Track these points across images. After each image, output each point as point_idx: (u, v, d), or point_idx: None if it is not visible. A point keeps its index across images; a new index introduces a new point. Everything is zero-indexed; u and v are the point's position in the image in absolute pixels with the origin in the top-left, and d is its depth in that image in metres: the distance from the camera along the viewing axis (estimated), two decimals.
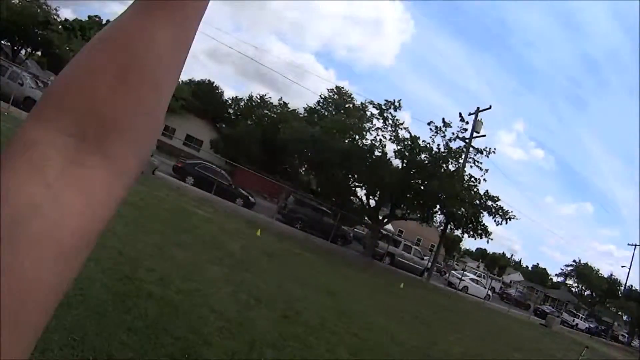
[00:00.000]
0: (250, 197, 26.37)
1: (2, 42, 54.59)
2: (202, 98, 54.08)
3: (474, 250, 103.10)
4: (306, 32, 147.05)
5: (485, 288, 38.08)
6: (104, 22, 57.17)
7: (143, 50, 0.40)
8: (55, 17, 54.08)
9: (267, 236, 16.40)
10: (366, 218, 30.15)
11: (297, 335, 6.27)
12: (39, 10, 53.84)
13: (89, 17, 57.43)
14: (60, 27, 50.01)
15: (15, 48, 55.54)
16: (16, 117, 18.42)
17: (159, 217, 10.96)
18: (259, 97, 52.76)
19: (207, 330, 5.09)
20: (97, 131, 0.38)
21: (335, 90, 43.76)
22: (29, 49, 59.20)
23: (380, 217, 28.83)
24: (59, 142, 0.36)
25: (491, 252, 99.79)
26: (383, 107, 26.74)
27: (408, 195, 26.55)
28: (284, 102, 51.07)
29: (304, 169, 39.67)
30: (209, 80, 61.41)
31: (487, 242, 28.05)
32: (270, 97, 53.76)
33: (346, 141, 27.14)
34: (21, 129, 0.37)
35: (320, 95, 44.99)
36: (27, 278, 0.31)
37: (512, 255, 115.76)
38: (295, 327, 6.71)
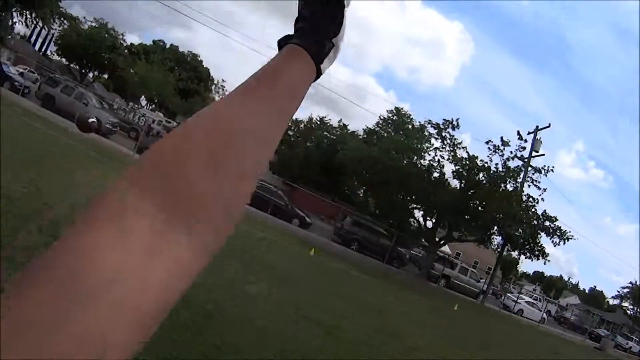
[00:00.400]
0: (306, 218, 26.28)
1: (71, 65, 58.45)
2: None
3: (531, 273, 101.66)
4: (367, 53, 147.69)
5: (541, 311, 36.63)
6: (167, 46, 60.03)
7: (234, 139, 0.44)
8: (121, 41, 57.47)
9: (320, 256, 16.27)
10: (423, 240, 29.86)
11: (337, 352, 6.04)
12: (106, 35, 57.33)
13: (154, 41, 60.36)
14: (125, 51, 52.74)
15: (83, 71, 59.25)
16: (78, 134, 19.44)
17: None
18: (318, 118, 53.25)
19: (242, 341, 4.96)
20: (185, 209, 0.40)
21: (394, 111, 43.48)
22: (96, 72, 63.14)
23: (437, 239, 28.40)
24: (150, 214, 0.38)
25: (548, 275, 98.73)
26: (441, 126, 26.67)
27: (466, 217, 26.03)
28: (344, 124, 51.31)
29: (362, 190, 39.85)
30: None
31: (544, 263, 27.23)
32: (330, 119, 54.45)
33: (404, 162, 27.13)
34: (115, 188, 0.39)
35: (379, 117, 44.76)
36: (105, 342, 0.31)
37: (569, 278, 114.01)
38: (338, 343, 6.47)
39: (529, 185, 26.47)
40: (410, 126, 39.28)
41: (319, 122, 52.92)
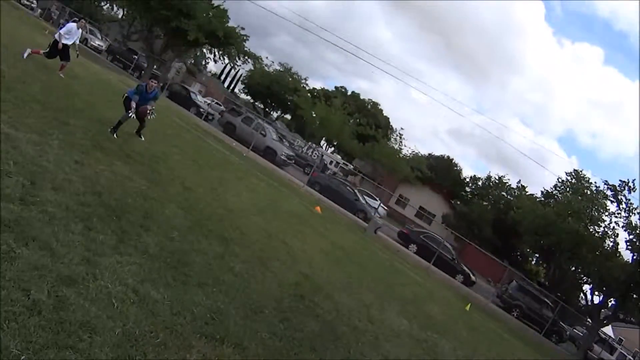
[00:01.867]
0: (471, 275, 25.19)
1: (256, 103, 64.98)
2: (439, 172, 54.85)
3: None
4: (550, 115, 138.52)
5: None
6: (349, 92, 63.28)
7: None
8: (304, 85, 62.35)
9: (476, 313, 15.10)
10: (587, 317, 26.48)
11: None
12: (290, 79, 62.76)
13: (336, 87, 64.14)
14: (308, 94, 56.83)
15: (267, 109, 65.42)
16: (252, 159, 21.25)
17: (362, 263, 11.05)
18: (497, 178, 51.60)
19: None
20: None
21: (573, 174, 39.84)
22: (279, 112, 69.25)
23: (601, 318, 25.16)
24: None
25: None
26: (617, 188, 24.18)
27: (635, 296, 22.49)
28: (522, 185, 48.58)
29: (534, 258, 37.50)
30: (447, 156, 62.30)
31: None
32: (508, 179, 52.07)
33: (579, 227, 24.66)
34: None
35: (557, 179, 41.50)
36: None
37: None
38: None
39: None
40: (588, 191, 35.88)
41: (497, 182, 51.21)
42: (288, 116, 70.06)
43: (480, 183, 54.40)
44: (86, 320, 3.05)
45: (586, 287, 26.91)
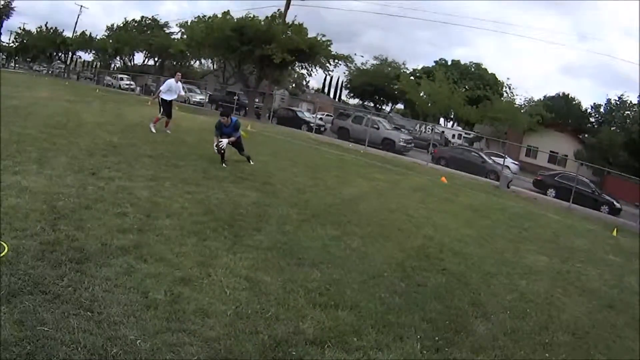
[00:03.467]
0: (615, 203, 23.38)
1: (365, 103, 65.40)
2: (559, 112, 52.86)
3: None
4: None
5: None
6: (449, 63, 61.19)
7: None
8: (404, 70, 61.50)
9: (625, 237, 13.49)
10: None
11: (614, 324, 5.02)
12: (389, 69, 62.32)
13: (435, 62, 62.27)
14: (410, 77, 55.96)
15: (378, 106, 65.58)
16: (370, 154, 21.44)
17: (493, 217, 10.60)
18: (617, 98, 47.54)
19: (491, 306, 4.70)
20: None
21: None
22: (389, 104, 69.02)
23: None
24: None
25: None
26: None
27: None
28: None
29: None
30: (562, 93, 59.57)
31: None
32: (628, 97, 48.93)
33: None
34: None
35: None
36: None
37: None
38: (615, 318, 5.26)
39: None
40: None
41: (618, 103, 47.23)
42: (400, 106, 69.43)
43: (602, 110, 52.01)
44: (199, 308, 3.33)
45: None
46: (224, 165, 9.49)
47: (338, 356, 3.09)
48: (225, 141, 9.65)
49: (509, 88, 49.17)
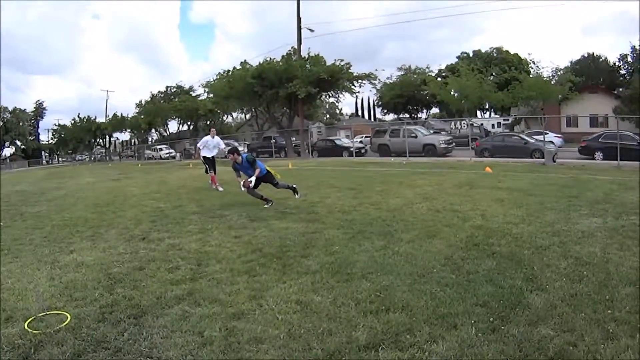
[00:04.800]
0: None
1: (401, 115, 65.44)
2: (588, 73, 52.50)
3: None
4: None
5: None
6: (470, 55, 60.81)
7: None
8: (429, 74, 61.48)
9: None
10: None
11: None
12: (414, 76, 62.44)
13: (457, 57, 62.02)
14: (438, 78, 55.84)
15: (413, 115, 65.47)
16: (413, 163, 21.39)
17: (541, 194, 10.33)
18: None
19: (545, 277, 4.59)
20: None
21: None
22: (424, 111, 68.88)
23: None
24: None
25: None
26: None
27: None
28: None
29: None
30: (587, 53, 58.66)
31: None
32: None
33: None
34: None
35: None
36: None
37: None
38: None
39: None
40: None
41: None
42: (435, 110, 69.22)
43: (629, 59, 51.47)
44: (252, 337, 3.46)
45: None
46: (267, 205, 9.68)
47: (393, 356, 3.14)
48: (253, 179, 9.81)
49: (533, 63, 48.54)
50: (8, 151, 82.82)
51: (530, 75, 45.16)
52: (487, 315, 3.67)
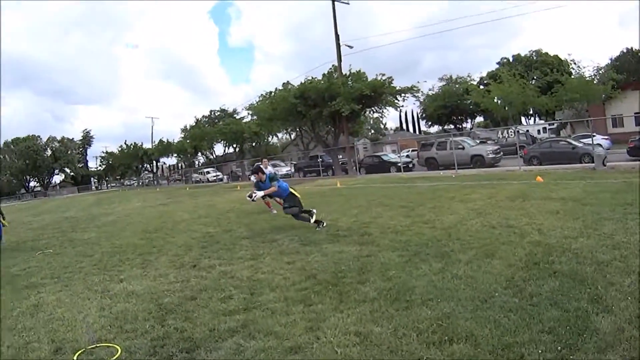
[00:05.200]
0: None
1: (445, 126, 64.53)
2: (629, 69, 50.33)
3: None
4: None
5: None
6: (511, 60, 59.63)
7: None
8: (471, 82, 60.66)
9: None
10: None
11: None
12: (456, 86, 61.61)
13: (497, 63, 60.86)
14: (480, 87, 54.98)
15: (458, 126, 64.54)
16: (462, 175, 20.86)
17: (595, 202, 9.77)
18: None
19: (610, 297, 4.28)
20: None
21: None
22: (469, 121, 67.74)
23: None
24: None
25: None
26: None
27: None
28: None
29: None
30: (627, 48, 56.47)
31: None
32: None
33: None
34: None
35: None
36: None
37: None
38: None
39: None
40: None
41: None
42: (480, 118, 68.02)
43: None
44: None
45: None
46: (317, 228, 9.48)
47: None
48: (260, 193, 9.62)
49: (574, 63, 46.96)
50: (58, 178, 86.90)
51: (572, 77, 43.71)
52: (554, 344, 3.40)
